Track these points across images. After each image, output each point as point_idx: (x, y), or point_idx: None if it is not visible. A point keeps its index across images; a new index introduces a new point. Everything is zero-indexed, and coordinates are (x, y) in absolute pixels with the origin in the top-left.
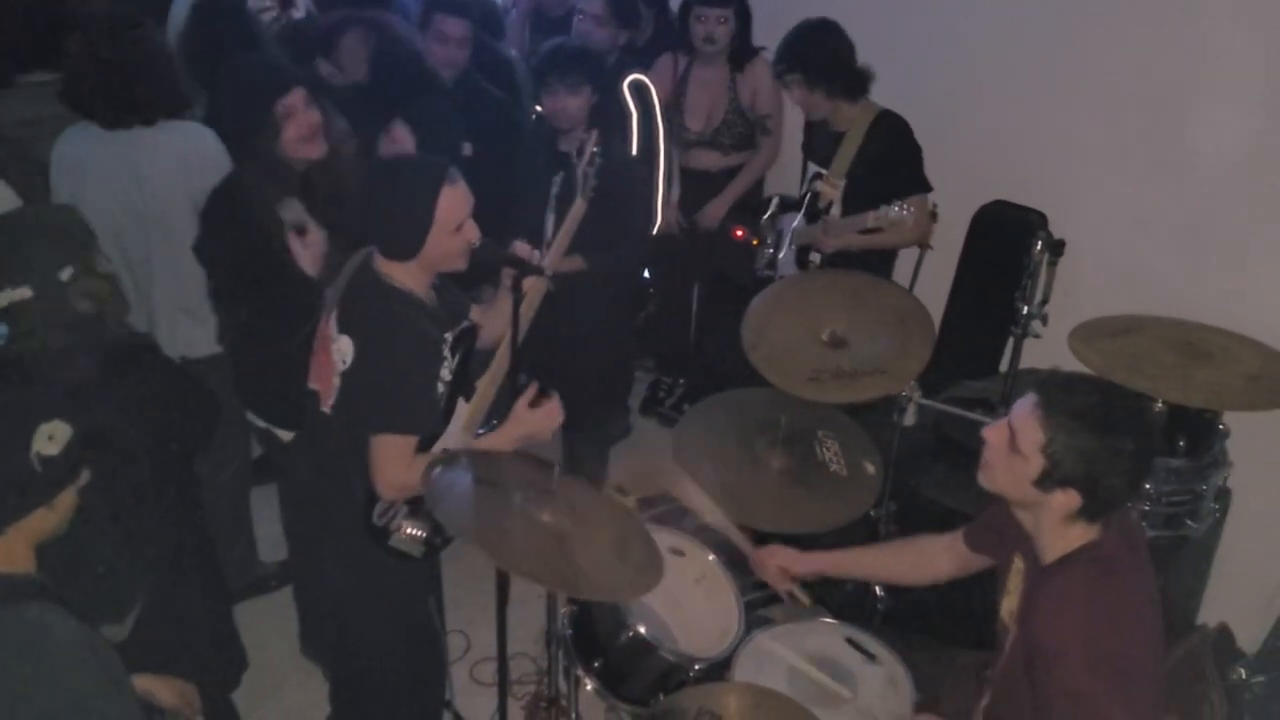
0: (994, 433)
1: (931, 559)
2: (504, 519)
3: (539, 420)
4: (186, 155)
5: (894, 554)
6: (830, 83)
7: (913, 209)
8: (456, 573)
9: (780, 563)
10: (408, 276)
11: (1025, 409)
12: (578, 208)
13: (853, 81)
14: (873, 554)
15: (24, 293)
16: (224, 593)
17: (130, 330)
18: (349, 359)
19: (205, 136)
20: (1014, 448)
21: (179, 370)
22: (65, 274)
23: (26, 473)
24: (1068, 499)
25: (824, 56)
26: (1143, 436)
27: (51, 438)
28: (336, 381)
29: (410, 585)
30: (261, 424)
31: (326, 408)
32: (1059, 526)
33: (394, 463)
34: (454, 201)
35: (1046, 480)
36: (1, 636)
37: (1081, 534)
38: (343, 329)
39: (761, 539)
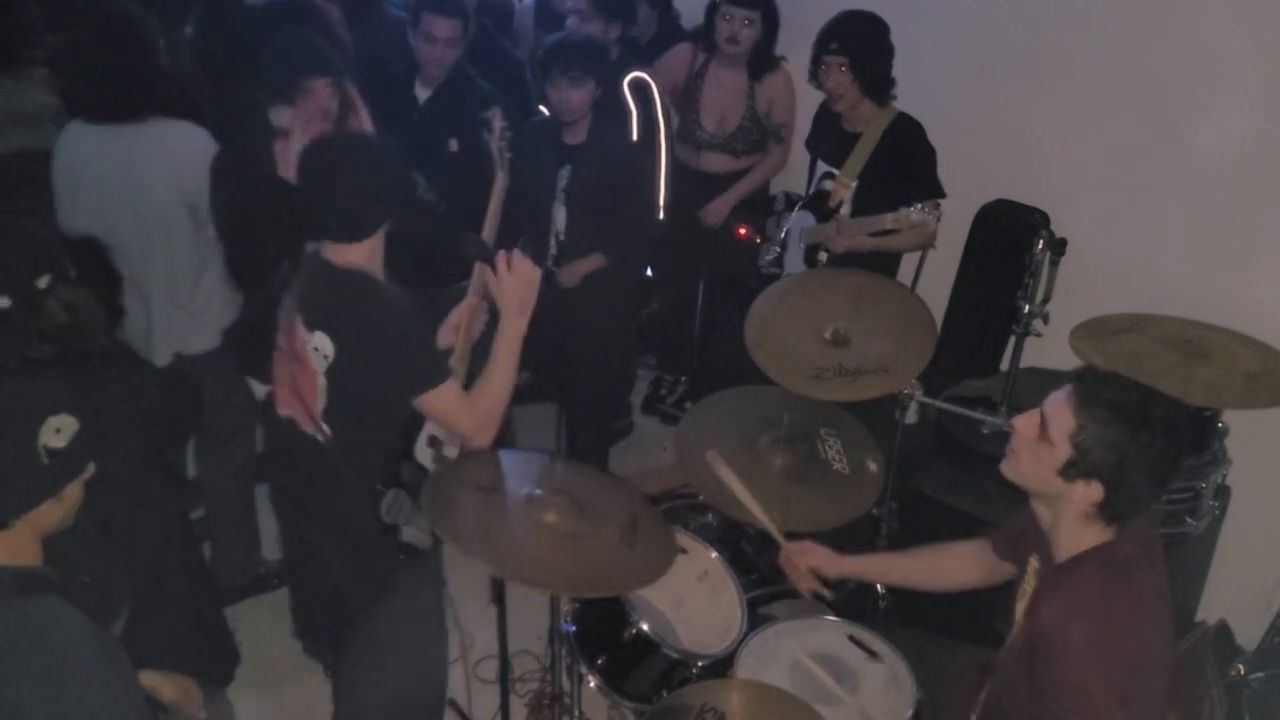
0: (1024, 420)
1: (960, 567)
2: (506, 526)
3: (516, 280)
4: (179, 154)
5: (923, 561)
6: (869, 77)
7: (936, 212)
8: (457, 571)
9: (812, 563)
10: (361, 256)
11: (1060, 397)
12: (500, 183)
13: (887, 85)
14: (903, 560)
15: (2, 302)
16: (214, 589)
17: (104, 337)
18: (331, 353)
19: (198, 136)
20: (1043, 436)
21: (155, 372)
22: (42, 282)
23: (34, 465)
24: (1090, 492)
25: (876, 49)
26: (1175, 440)
27: (59, 430)
28: (322, 382)
29: (423, 579)
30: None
31: (309, 424)
32: (1076, 524)
33: (456, 409)
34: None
35: (1071, 469)
36: (11, 628)
37: (1097, 535)
38: (314, 326)
39: (766, 538)
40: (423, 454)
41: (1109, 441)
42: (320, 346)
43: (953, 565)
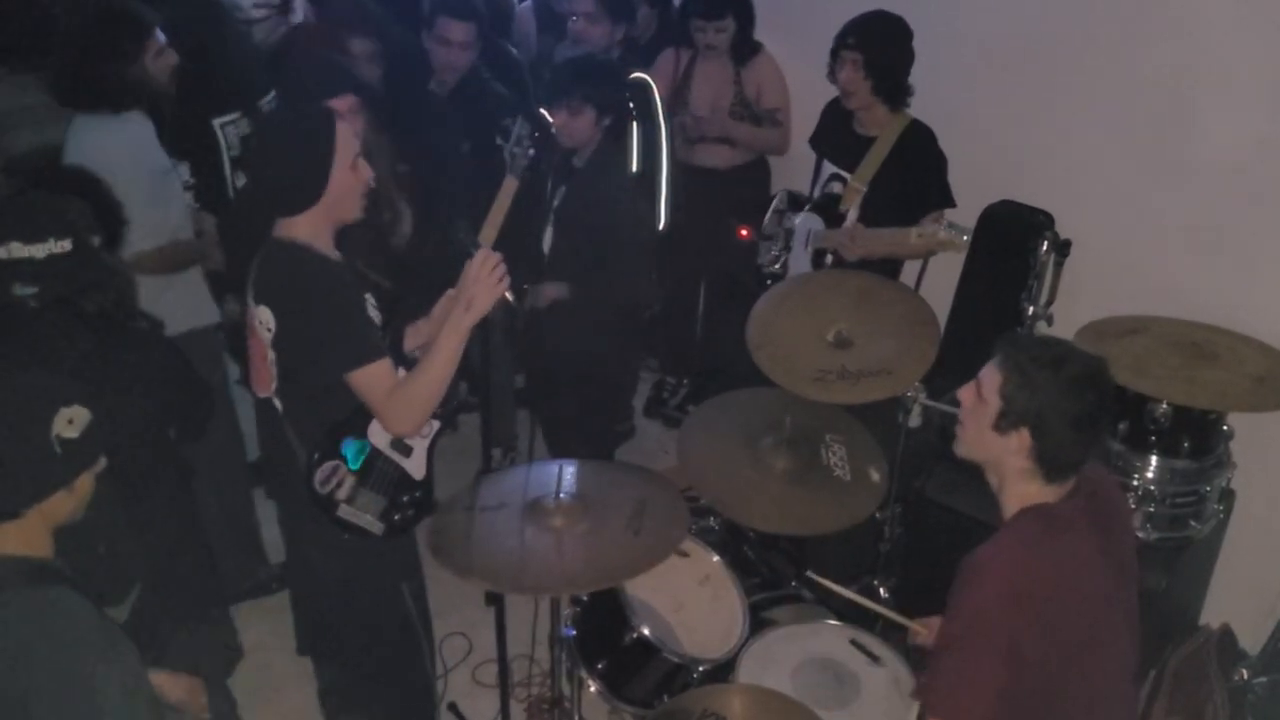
0: (965, 390)
1: None
2: (511, 540)
3: (483, 279)
4: (93, 148)
5: None
6: (882, 79)
7: (965, 237)
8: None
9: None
10: (306, 232)
11: (991, 362)
12: (509, 184)
13: (901, 90)
14: None
15: (65, 245)
16: (216, 580)
17: (141, 312)
18: (272, 325)
19: (124, 132)
20: (979, 396)
21: (182, 356)
22: (95, 240)
23: (47, 455)
24: (1020, 441)
25: (892, 51)
26: (1091, 385)
27: (71, 421)
28: (271, 355)
29: (378, 567)
30: None
31: (270, 392)
32: (1018, 483)
33: (377, 391)
34: (348, 135)
35: (1003, 421)
36: (22, 618)
37: (1038, 491)
38: (259, 300)
39: (766, 540)
40: (378, 437)
41: (1031, 387)
42: (264, 320)
43: None
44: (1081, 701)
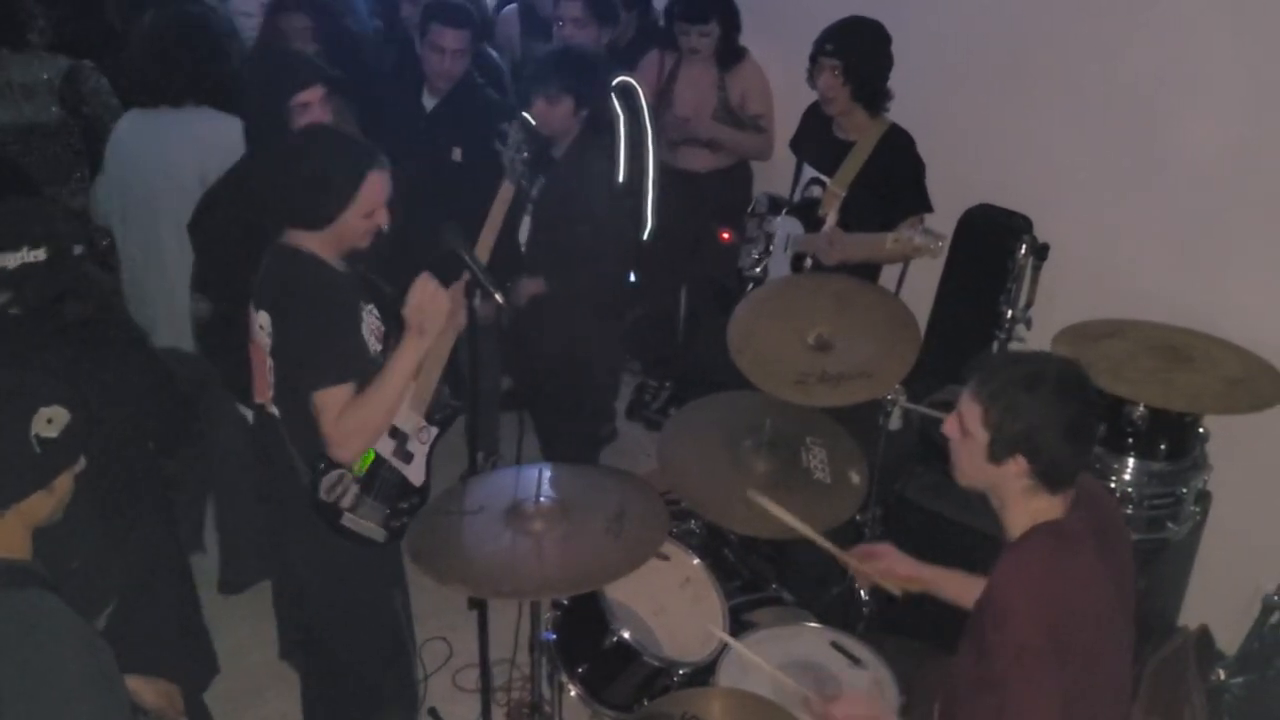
0: (949, 425)
1: None
2: (491, 544)
3: (424, 300)
4: (206, 141)
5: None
6: (862, 85)
7: (941, 242)
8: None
9: (890, 564)
10: (315, 244)
11: (966, 393)
12: (505, 190)
13: (880, 95)
14: (971, 582)
15: (39, 255)
16: (195, 596)
17: (126, 322)
18: (270, 331)
19: (232, 128)
20: (964, 431)
21: (162, 366)
22: (76, 249)
23: (26, 455)
24: (1018, 466)
25: (870, 57)
26: (1073, 392)
27: (51, 421)
28: (270, 363)
29: (372, 576)
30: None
31: (268, 400)
32: (1021, 501)
33: (329, 412)
34: (378, 186)
35: (996, 451)
36: (1, 620)
37: (1045, 508)
38: (259, 306)
39: (746, 543)
40: (383, 444)
41: (1014, 411)
42: (264, 325)
43: None
44: (1086, 710)
